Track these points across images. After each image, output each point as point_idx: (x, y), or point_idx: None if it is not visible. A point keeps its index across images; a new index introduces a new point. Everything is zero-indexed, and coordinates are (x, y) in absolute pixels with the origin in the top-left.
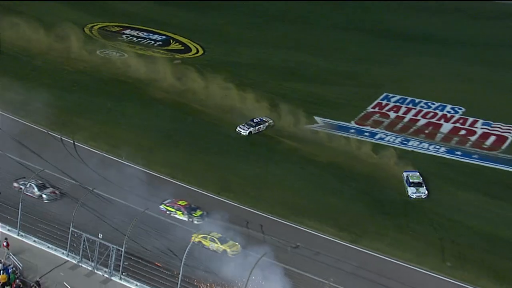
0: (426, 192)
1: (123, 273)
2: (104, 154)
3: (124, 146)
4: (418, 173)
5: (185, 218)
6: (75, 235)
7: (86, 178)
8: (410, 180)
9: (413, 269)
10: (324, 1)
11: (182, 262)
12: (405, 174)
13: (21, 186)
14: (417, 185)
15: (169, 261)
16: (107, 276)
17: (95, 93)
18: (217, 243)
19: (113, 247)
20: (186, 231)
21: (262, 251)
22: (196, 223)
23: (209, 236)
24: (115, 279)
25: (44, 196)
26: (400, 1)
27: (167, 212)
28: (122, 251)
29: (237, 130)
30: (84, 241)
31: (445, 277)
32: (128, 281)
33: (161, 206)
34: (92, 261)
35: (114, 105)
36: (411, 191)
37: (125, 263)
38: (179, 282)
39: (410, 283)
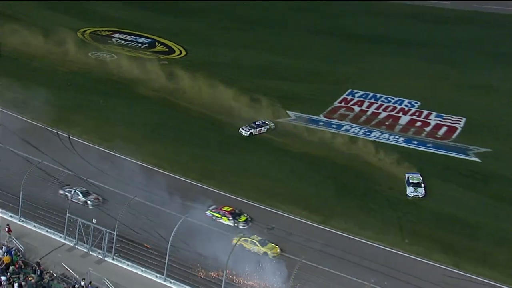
0: (424, 192)
1: (116, 254)
2: (97, 147)
3: (114, 139)
4: (419, 175)
5: (230, 223)
6: (71, 221)
7: (80, 168)
8: (410, 181)
9: (375, 245)
10: (294, 8)
11: (169, 243)
12: (407, 175)
13: (67, 193)
14: (416, 185)
15: (158, 242)
16: (101, 257)
17: (88, 91)
18: (258, 246)
19: (106, 230)
20: (174, 216)
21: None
22: (241, 228)
23: (250, 239)
24: (108, 259)
25: (89, 202)
26: (357, 3)
27: (213, 218)
28: (114, 234)
29: (239, 131)
30: (79, 225)
31: (403, 253)
32: (120, 261)
33: (207, 212)
34: (87, 244)
35: (105, 102)
36: (409, 190)
37: (117, 245)
38: (166, 262)
39: (372, 259)
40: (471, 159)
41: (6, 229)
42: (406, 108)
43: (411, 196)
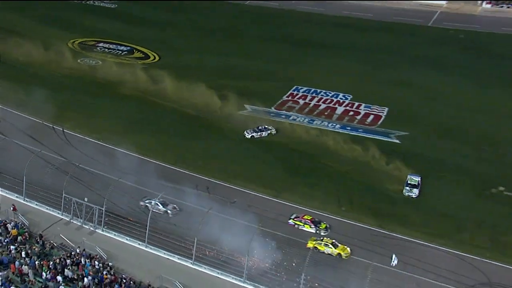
0: (417, 193)
1: (104, 226)
2: (86, 138)
3: (101, 131)
4: (419, 178)
5: (312, 230)
6: (67, 199)
7: (73, 156)
8: (408, 182)
9: (319, 213)
10: (248, 19)
11: (149, 216)
12: (409, 176)
13: (147, 205)
14: (412, 186)
15: (138, 216)
16: (93, 229)
17: (78, 92)
18: (331, 248)
19: (96, 207)
20: (152, 194)
21: (209, 207)
22: (322, 235)
23: (323, 242)
24: (99, 231)
25: (169, 211)
26: (297, 14)
27: (295, 226)
28: (103, 210)
29: (244, 133)
30: (74, 203)
31: (341, 218)
32: (108, 232)
33: (289, 221)
34: (81, 218)
35: (93, 100)
36: (405, 190)
37: (106, 219)
38: (147, 232)
39: None
40: (393, 140)
41: (12, 208)
42: (341, 101)
43: (406, 195)
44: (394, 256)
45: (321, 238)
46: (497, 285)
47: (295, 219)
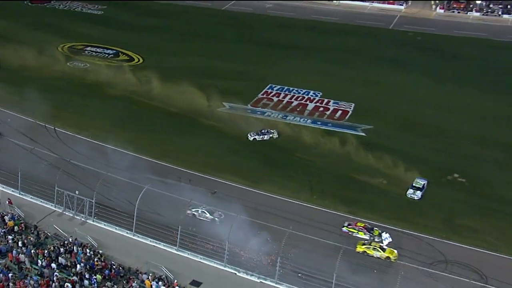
0: (420, 196)
1: (95, 217)
2: (76, 135)
3: (90, 129)
4: (425, 182)
5: (366, 237)
6: (59, 193)
7: (64, 152)
8: (413, 184)
9: (292, 202)
10: (223, 24)
11: (136, 207)
12: (416, 179)
13: (194, 213)
14: (417, 189)
15: (127, 207)
16: (84, 219)
17: (68, 92)
18: (380, 251)
19: (86, 199)
20: (138, 186)
21: (190, 197)
22: (376, 241)
23: (371, 246)
24: (90, 221)
25: (216, 219)
26: (271, 18)
27: (349, 233)
28: (93, 202)
29: (247, 135)
30: (66, 196)
31: (313, 206)
32: (98, 222)
33: (343, 229)
34: (73, 210)
35: (83, 101)
36: (409, 191)
37: (96, 210)
38: (134, 221)
39: (290, 211)
40: (359, 133)
41: (7, 202)
42: (312, 97)
43: (408, 196)
44: (385, 234)
45: (369, 242)
46: (453, 262)
47: (348, 226)
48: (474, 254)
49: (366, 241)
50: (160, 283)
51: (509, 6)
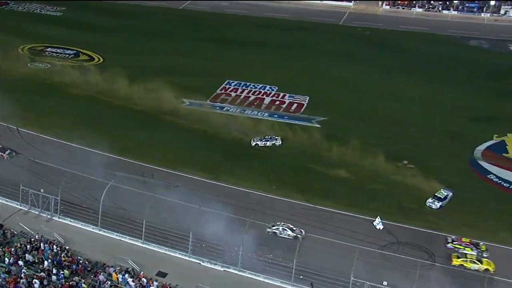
0: (439, 206)
1: (60, 214)
2: (39, 135)
3: (52, 128)
4: (449, 194)
5: (474, 253)
6: (24, 191)
7: (28, 151)
8: (436, 194)
9: (252, 192)
10: (180, 22)
11: (101, 202)
12: (441, 190)
13: (275, 231)
14: (437, 198)
15: (92, 203)
16: (50, 217)
17: (29, 93)
18: (478, 264)
19: (51, 197)
20: (102, 182)
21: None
22: (485, 256)
23: (469, 259)
24: (55, 218)
25: (299, 236)
26: (227, 16)
27: (455, 249)
28: (58, 199)
29: (250, 140)
30: (31, 195)
31: (271, 195)
32: (64, 219)
33: (448, 245)
34: (38, 208)
35: (44, 100)
36: (429, 200)
37: (61, 207)
38: (99, 216)
39: (250, 201)
40: (314, 125)
41: None
42: (268, 92)
43: (427, 205)
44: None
45: (465, 254)
46: (404, 243)
47: (453, 243)
48: (422, 235)
49: (456, 251)
50: (126, 275)
51: (447, 2)
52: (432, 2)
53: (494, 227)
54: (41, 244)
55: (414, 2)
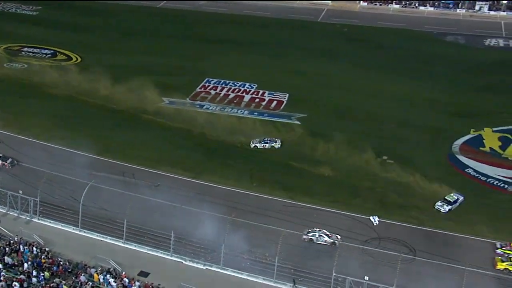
0: (447, 210)
1: (40, 215)
2: (17, 136)
3: (31, 129)
4: (460, 198)
5: None
6: (2, 193)
7: (6, 152)
8: (446, 197)
9: (233, 190)
10: (159, 21)
11: (81, 203)
12: (453, 194)
13: (311, 238)
14: (447, 202)
15: (72, 204)
16: (29, 218)
17: (6, 93)
18: None
19: (30, 198)
20: (81, 183)
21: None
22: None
23: None
24: (35, 220)
25: (336, 242)
26: (206, 14)
27: (505, 255)
28: (37, 200)
29: (250, 142)
30: (9, 196)
31: (253, 193)
32: (44, 220)
33: (497, 251)
34: (17, 209)
35: (22, 101)
36: (437, 203)
37: (41, 208)
38: (80, 217)
39: (232, 199)
40: (294, 122)
41: None
42: (248, 89)
43: (436, 208)
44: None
45: (509, 257)
46: (385, 238)
47: (503, 248)
48: (403, 230)
49: (500, 255)
50: (108, 276)
51: None
52: None
53: (471, 220)
54: (21, 246)
55: None
